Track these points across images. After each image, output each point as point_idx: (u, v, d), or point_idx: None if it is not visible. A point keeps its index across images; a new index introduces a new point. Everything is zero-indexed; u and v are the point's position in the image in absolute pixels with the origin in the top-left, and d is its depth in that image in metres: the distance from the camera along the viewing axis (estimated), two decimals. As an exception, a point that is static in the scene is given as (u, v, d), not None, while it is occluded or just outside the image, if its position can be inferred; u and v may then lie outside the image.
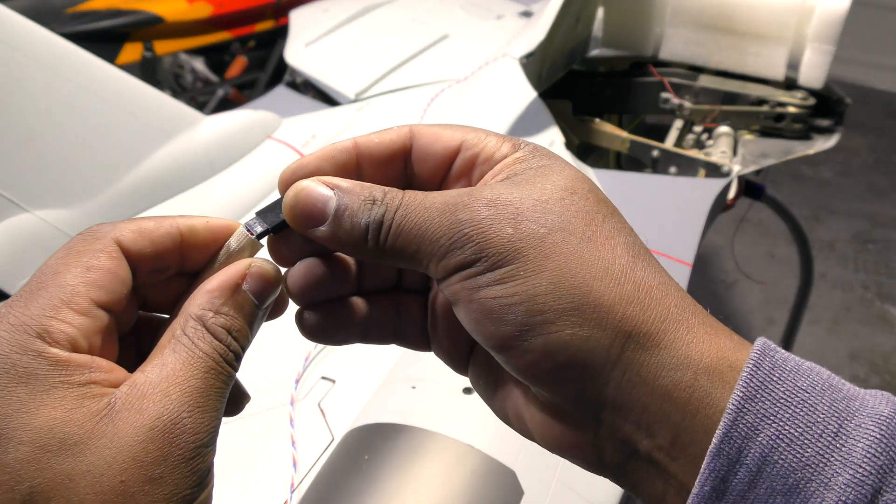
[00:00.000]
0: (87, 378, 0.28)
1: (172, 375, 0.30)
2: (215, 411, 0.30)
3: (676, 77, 1.50)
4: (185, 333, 0.31)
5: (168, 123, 1.05)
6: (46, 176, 0.91)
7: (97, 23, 2.16)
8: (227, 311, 0.32)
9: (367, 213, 0.32)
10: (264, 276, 0.34)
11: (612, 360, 0.29)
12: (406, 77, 1.51)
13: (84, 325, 0.29)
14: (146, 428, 0.28)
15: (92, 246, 0.31)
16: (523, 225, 0.30)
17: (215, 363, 0.31)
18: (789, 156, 1.33)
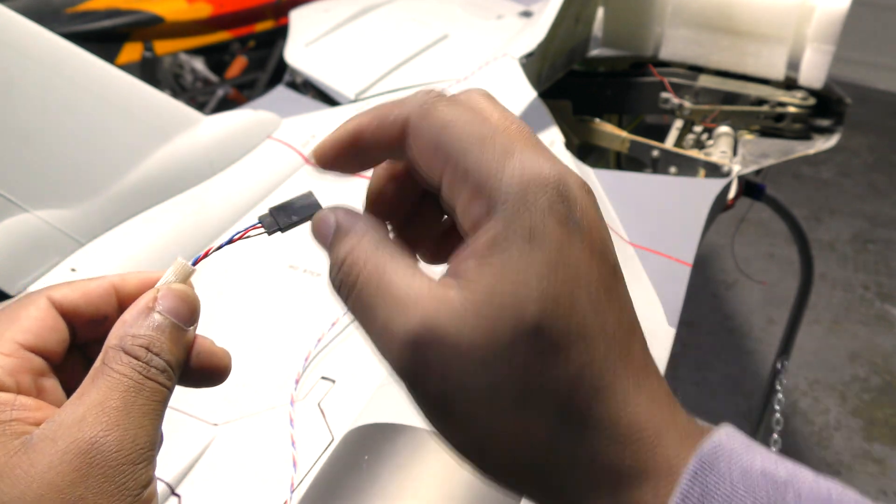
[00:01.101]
0: (8, 416, 0.29)
1: (89, 402, 0.30)
2: (141, 428, 0.31)
3: (676, 77, 1.50)
4: (104, 362, 0.32)
5: (168, 123, 1.05)
6: (46, 176, 0.91)
7: (97, 23, 2.16)
8: (143, 332, 0.33)
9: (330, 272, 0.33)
10: (175, 294, 0.34)
11: None
12: (406, 77, 1.51)
13: (9, 365, 0.31)
14: (60, 453, 0.28)
15: (22, 302, 0.34)
16: (452, 381, 0.28)
17: (135, 381, 0.31)
18: (789, 156, 1.33)
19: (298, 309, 0.90)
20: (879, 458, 2.21)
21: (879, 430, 2.30)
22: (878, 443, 2.26)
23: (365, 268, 0.31)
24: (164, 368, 0.32)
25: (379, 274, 0.30)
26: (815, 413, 2.36)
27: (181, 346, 0.34)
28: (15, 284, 0.87)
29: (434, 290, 0.29)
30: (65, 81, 0.93)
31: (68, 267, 0.90)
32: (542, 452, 0.28)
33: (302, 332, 0.85)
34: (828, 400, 2.41)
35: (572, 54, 1.58)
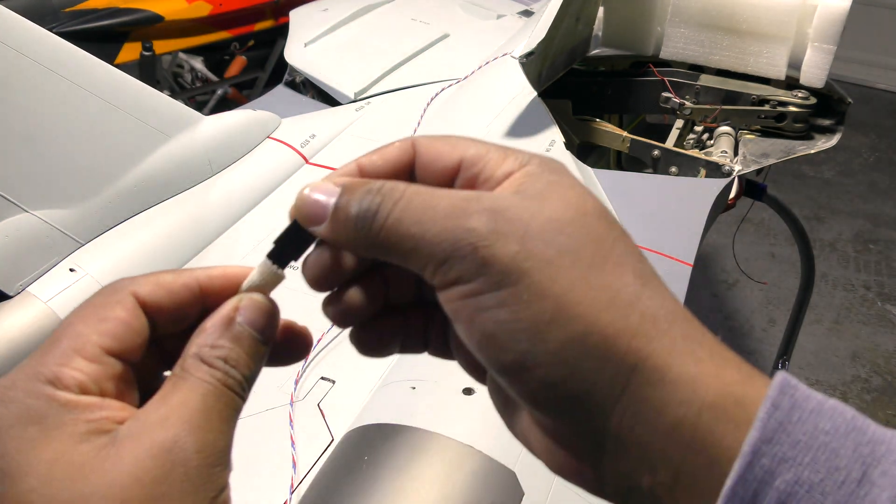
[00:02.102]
0: (97, 415, 0.30)
1: (171, 404, 0.31)
2: (219, 432, 0.32)
3: (677, 76, 1.50)
4: (184, 368, 0.32)
5: (167, 123, 1.05)
6: (46, 176, 0.91)
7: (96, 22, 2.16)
8: (222, 343, 0.33)
9: (359, 202, 0.32)
10: (257, 307, 0.35)
11: (615, 395, 0.28)
12: (406, 77, 1.51)
13: (94, 372, 0.31)
14: (145, 450, 0.29)
15: (109, 299, 0.33)
16: (531, 244, 0.29)
17: (213, 387, 0.32)
18: (790, 155, 1.33)
19: (299, 309, 0.90)
20: (880, 458, 2.20)
21: (880, 430, 2.29)
22: (878, 443, 2.25)
23: (410, 186, 0.31)
24: (240, 380, 0.33)
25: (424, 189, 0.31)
26: (815, 413, 2.36)
27: (258, 360, 0.34)
28: (14, 284, 0.87)
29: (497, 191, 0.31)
30: (64, 81, 0.93)
31: (68, 267, 0.90)
32: (622, 311, 0.28)
33: (301, 332, 0.85)
34: (828, 400, 2.41)
35: (572, 54, 1.57)
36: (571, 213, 0.30)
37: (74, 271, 0.89)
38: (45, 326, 0.84)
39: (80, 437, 0.29)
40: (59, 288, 0.87)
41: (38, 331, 0.83)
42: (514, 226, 0.29)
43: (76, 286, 0.88)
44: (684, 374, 0.28)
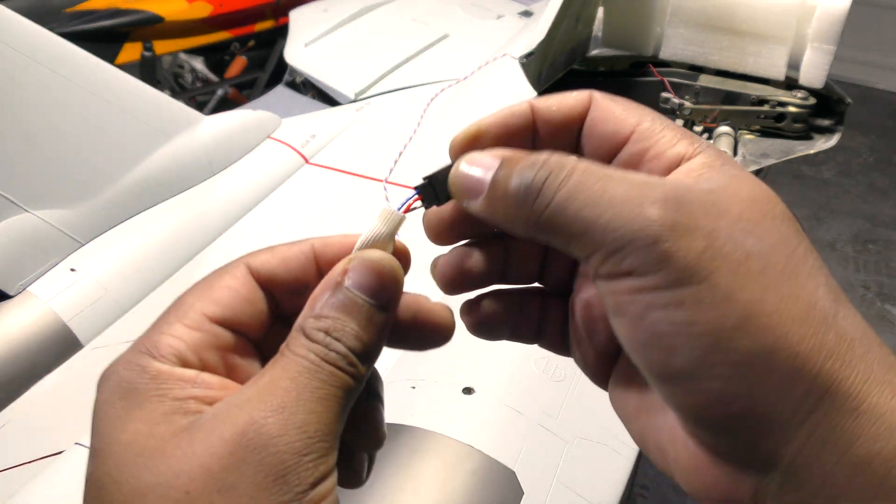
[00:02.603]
0: (186, 393, 0.27)
1: (260, 384, 0.27)
2: (312, 414, 0.26)
3: (677, 77, 1.50)
4: (286, 344, 0.29)
5: (167, 123, 1.05)
6: (46, 176, 0.91)
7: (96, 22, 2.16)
8: (327, 312, 0.29)
9: (521, 175, 0.28)
10: (368, 267, 0.30)
11: (798, 419, 0.25)
12: (406, 77, 1.51)
13: (193, 339, 0.28)
14: (219, 434, 0.26)
15: (221, 271, 0.31)
16: (719, 242, 0.26)
17: (309, 363, 0.27)
18: (790, 155, 1.33)
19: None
20: (880, 458, 2.21)
21: (880, 430, 2.29)
22: (878, 443, 2.25)
23: (579, 163, 0.28)
24: (345, 354, 0.28)
25: (595, 167, 0.28)
26: (815, 413, 2.36)
27: (374, 330, 0.29)
28: (15, 284, 0.87)
29: (676, 178, 0.29)
30: (64, 81, 0.93)
31: (68, 266, 0.90)
32: (818, 328, 0.26)
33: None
34: (828, 400, 2.41)
35: (572, 54, 1.58)
36: (760, 214, 0.27)
37: (75, 271, 0.89)
38: (45, 326, 0.84)
39: (161, 416, 0.26)
40: (60, 288, 0.87)
41: (39, 330, 0.83)
42: (701, 220, 0.26)
43: (77, 286, 0.88)
44: (881, 406, 0.25)
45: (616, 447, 0.69)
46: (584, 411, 0.71)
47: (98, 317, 0.87)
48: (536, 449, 0.65)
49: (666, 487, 2.13)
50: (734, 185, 0.28)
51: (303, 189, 1.14)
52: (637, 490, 2.08)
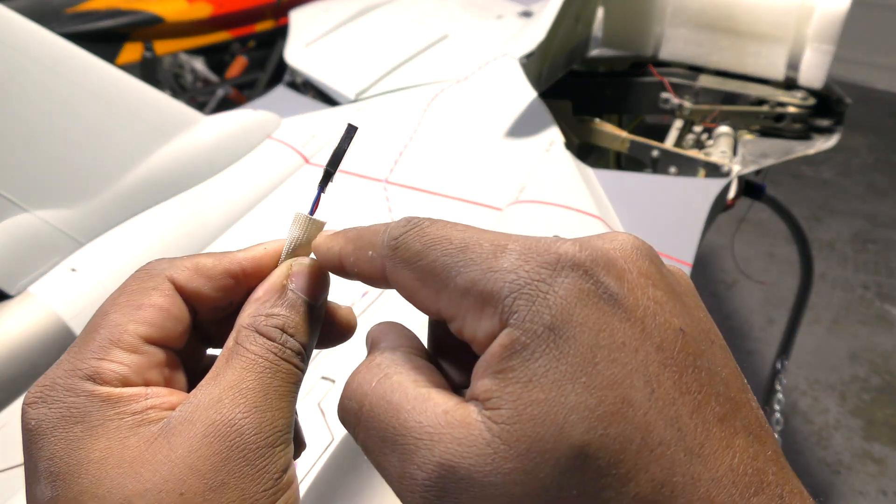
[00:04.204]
0: (142, 406, 0.29)
1: (225, 383, 0.29)
2: (279, 410, 0.29)
3: (676, 77, 1.50)
4: (237, 342, 0.30)
5: (168, 123, 1.05)
6: (46, 176, 0.91)
7: (97, 23, 2.16)
8: (277, 311, 0.31)
9: None
10: (308, 272, 0.33)
11: None
12: (406, 77, 1.51)
13: (134, 363, 0.30)
14: (200, 436, 0.27)
15: (144, 284, 0.32)
16: None
17: (270, 362, 0.30)
18: (789, 156, 1.33)
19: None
20: (879, 458, 2.21)
21: (879, 430, 2.30)
22: (877, 443, 2.26)
23: (369, 397, 0.27)
24: (298, 350, 0.31)
25: (386, 402, 0.26)
26: (814, 413, 2.36)
27: (315, 328, 0.32)
28: (15, 284, 0.87)
29: (452, 419, 0.23)
30: (65, 81, 0.93)
31: (68, 267, 0.90)
32: None
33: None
34: (827, 400, 2.41)
35: (572, 54, 1.58)
36: (542, 476, 0.21)
37: (76, 271, 0.89)
38: (46, 326, 0.84)
39: (127, 430, 0.28)
40: (61, 288, 0.87)
41: (39, 330, 0.84)
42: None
43: (77, 286, 0.88)
44: None
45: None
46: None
47: (98, 317, 0.87)
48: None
49: (666, 487, 2.13)
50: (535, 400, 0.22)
51: (303, 189, 1.14)
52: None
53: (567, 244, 0.24)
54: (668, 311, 0.24)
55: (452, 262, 0.25)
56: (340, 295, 0.90)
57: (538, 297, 0.23)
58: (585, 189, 1.08)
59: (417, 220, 0.28)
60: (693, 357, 0.23)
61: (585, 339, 0.22)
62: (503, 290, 0.24)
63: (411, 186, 1.15)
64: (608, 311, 0.23)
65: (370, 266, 0.29)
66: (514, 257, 0.24)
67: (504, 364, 0.23)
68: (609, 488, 0.21)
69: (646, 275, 0.24)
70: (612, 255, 0.24)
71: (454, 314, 0.26)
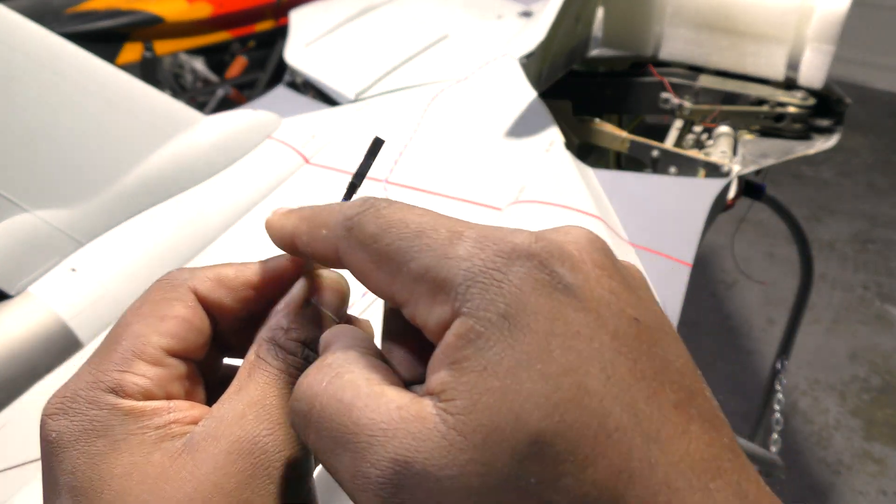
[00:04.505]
0: (165, 420, 0.28)
1: (248, 399, 0.29)
2: None
3: (676, 77, 1.50)
4: (259, 356, 0.30)
5: (168, 123, 1.05)
6: (46, 176, 0.91)
7: (97, 23, 2.16)
8: (297, 325, 0.31)
9: None
10: (333, 287, 0.32)
11: None
12: (406, 77, 1.51)
13: (157, 375, 0.29)
14: (224, 453, 0.27)
15: (167, 295, 0.31)
16: None
17: (293, 377, 0.29)
18: (789, 156, 1.33)
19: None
20: (879, 458, 2.21)
21: (879, 430, 2.30)
22: (877, 443, 2.26)
23: (319, 397, 0.25)
24: None
25: (337, 401, 0.25)
26: (814, 413, 2.36)
27: None
28: (15, 284, 0.87)
29: (407, 415, 0.23)
30: (65, 81, 0.93)
31: (68, 267, 0.90)
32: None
33: (302, 332, 0.85)
34: (828, 400, 2.41)
35: (572, 54, 1.58)
36: (499, 468, 0.21)
37: (75, 271, 0.89)
38: (46, 326, 0.84)
39: (150, 445, 0.27)
40: (61, 288, 0.87)
41: (39, 331, 0.84)
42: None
43: (77, 286, 0.88)
44: None
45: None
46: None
47: (98, 317, 0.87)
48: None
49: (666, 487, 2.13)
50: (488, 389, 0.22)
51: (303, 189, 1.14)
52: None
53: (523, 235, 0.24)
54: (623, 302, 0.24)
55: (407, 247, 0.25)
56: (340, 295, 0.90)
57: (492, 285, 0.23)
58: (585, 189, 1.08)
59: (374, 200, 0.28)
60: (648, 346, 0.23)
61: (540, 328, 0.22)
62: (457, 278, 0.23)
63: (411, 186, 1.15)
64: (563, 301, 0.23)
65: (323, 245, 0.29)
66: (470, 245, 0.24)
67: (458, 354, 0.23)
68: (567, 475, 0.21)
69: (600, 266, 0.24)
70: (567, 247, 0.24)
71: (407, 300, 0.25)
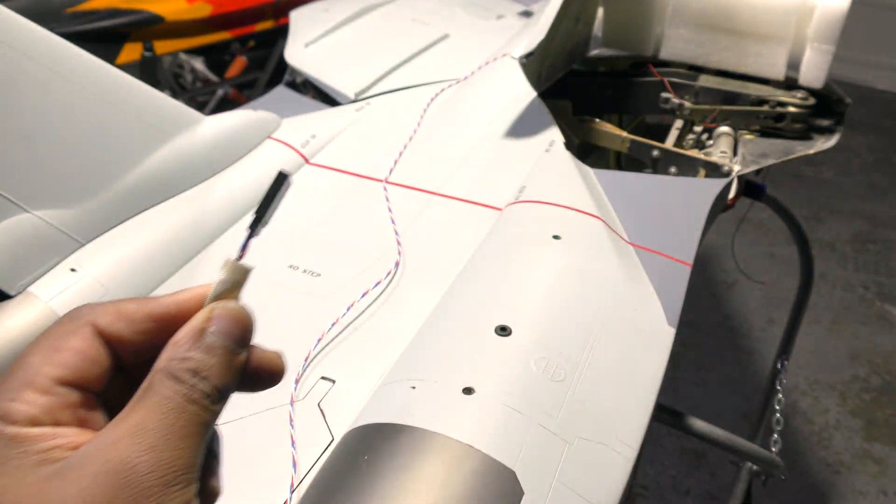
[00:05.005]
0: (47, 445, 0.30)
1: (127, 424, 0.30)
2: (179, 450, 0.30)
3: (676, 77, 1.50)
4: (151, 384, 0.32)
5: (168, 123, 1.05)
6: (46, 176, 0.91)
7: (97, 23, 2.16)
8: (192, 354, 0.32)
9: None
10: (229, 315, 0.34)
11: None
12: (406, 77, 1.51)
13: (46, 404, 0.31)
14: (92, 474, 0.28)
15: (65, 328, 0.33)
16: None
17: (176, 404, 0.31)
18: (789, 156, 1.33)
19: (298, 309, 0.90)
20: (879, 458, 2.21)
21: (879, 430, 2.30)
22: (878, 443, 2.26)
23: None
24: (210, 392, 0.32)
25: None
26: (815, 413, 2.36)
27: (233, 370, 0.34)
28: (15, 284, 0.87)
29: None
30: (65, 81, 0.93)
31: (68, 267, 0.90)
32: None
33: (302, 332, 0.85)
34: (828, 400, 2.41)
35: (572, 54, 1.58)
36: None
37: (75, 271, 0.89)
38: (45, 326, 0.83)
39: (28, 469, 0.29)
40: (60, 288, 0.87)
41: (39, 331, 0.83)
42: None
43: (77, 286, 0.88)
44: None
45: (616, 447, 0.69)
46: (584, 411, 0.71)
47: (98, 317, 0.87)
48: (536, 449, 0.65)
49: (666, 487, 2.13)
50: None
51: (303, 189, 1.14)
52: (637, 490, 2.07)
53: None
54: None
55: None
56: (342, 296, 0.90)
57: None
58: (585, 189, 1.08)
59: None
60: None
61: None
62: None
63: (411, 186, 1.14)
64: None
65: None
66: None
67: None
68: None
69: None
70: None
71: None
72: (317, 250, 1.00)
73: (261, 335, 0.93)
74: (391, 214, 1.07)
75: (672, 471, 2.17)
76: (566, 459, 0.66)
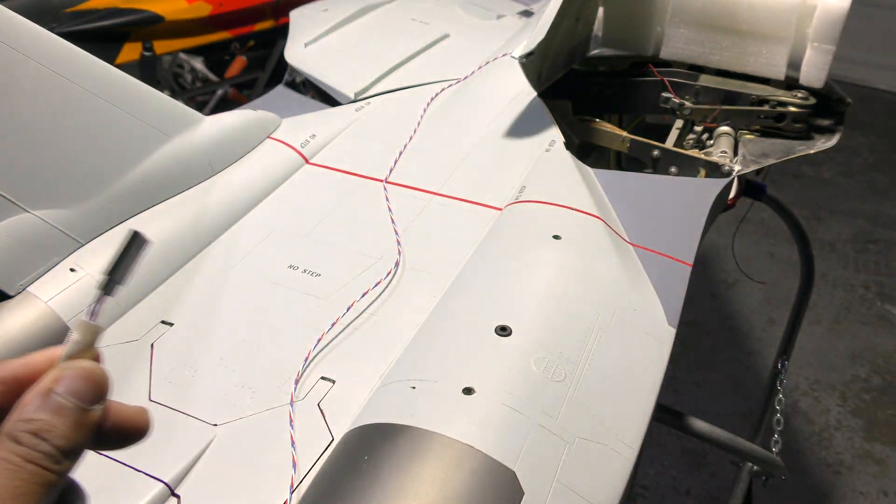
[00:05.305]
0: None
1: None
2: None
3: (677, 77, 1.50)
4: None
5: (168, 123, 1.05)
6: (46, 176, 0.91)
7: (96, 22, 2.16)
8: (38, 416, 0.32)
9: None
10: (81, 375, 0.34)
11: None
12: (406, 77, 1.51)
13: None
14: None
15: None
16: None
17: (14, 465, 0.31)
18: (790, 155, 1.33)
19: (298, 309, 0.90)
20: (880, 458, 2.21)
21: (880, 431, 2.30)
22: (878, 443, 2.26)
23: None
24: (50, 453, 0.32)
25: None
26: (815, 413, 2.36)
27: (83, 428, 0.34)
28: (15, 284, 0.87)
29: None
30: (64, 81, 0.93)
31: (68, 267, 0.90)
32: None
33: (302, 332, 0.85)
34: (828, 400, 2.41)
35: (572, 54, 1.57)
36: None
37: (75, 271, 0.89)
38: (45, 326, 0.84)
39: None
40: (60, 288, 0.87)
41: (39, 330, 0.83)
42: None
43: (77, 286, 0.88)
44: None
45: (616, 447, 0.69)
46: (584, 411, 0.71)
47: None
48: (536, 449, 0.65)
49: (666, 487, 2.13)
50: None
51: (303, 189, 1.14)
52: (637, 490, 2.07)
53: None
54: None
55: None
56: (342, 296, 0.90)
57: None
58: (585, 189, 1.08)
59: None
60: None
61: None
62: None
63: (411, 186, 1.14)
64: None
65: None
66: None
67: None
68: None
69: None
70: None
71: None
72: (317, 250, 1.00)
73: (261, 335, 0.92)
74: (391, 214, 1.07)
75: (672, 471, 2.17)
76: (566, 459, 0.66)
